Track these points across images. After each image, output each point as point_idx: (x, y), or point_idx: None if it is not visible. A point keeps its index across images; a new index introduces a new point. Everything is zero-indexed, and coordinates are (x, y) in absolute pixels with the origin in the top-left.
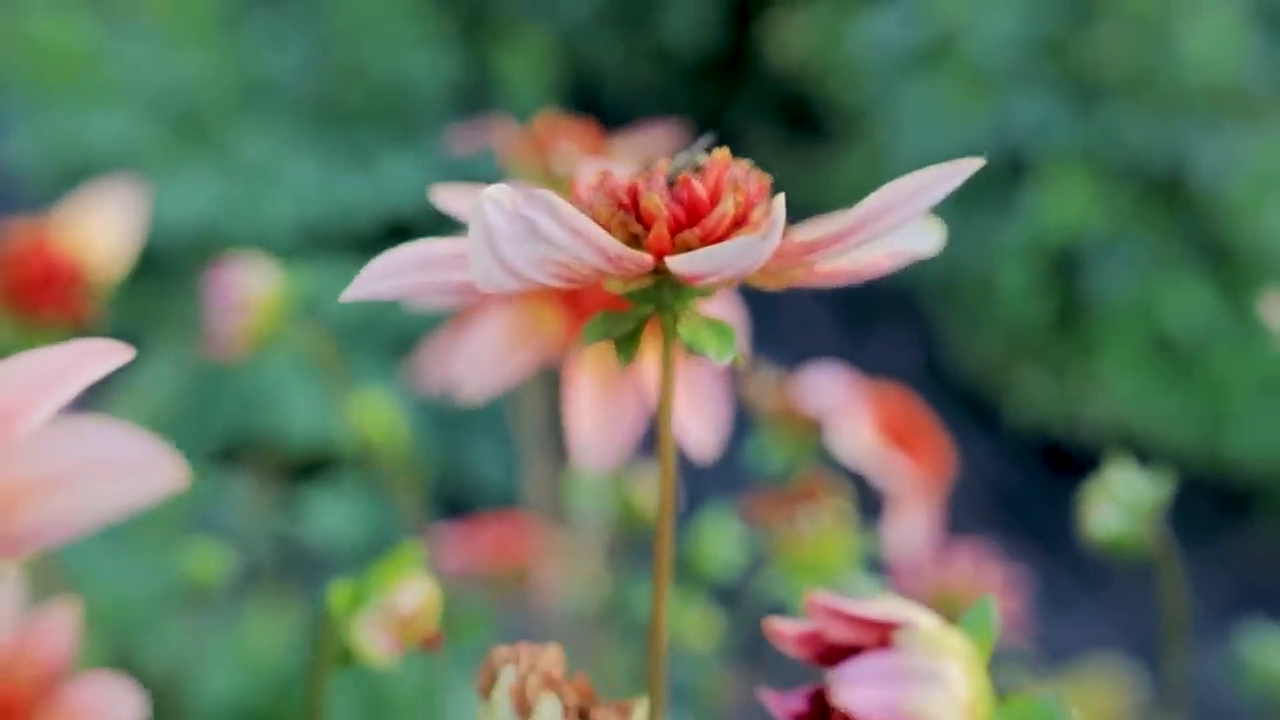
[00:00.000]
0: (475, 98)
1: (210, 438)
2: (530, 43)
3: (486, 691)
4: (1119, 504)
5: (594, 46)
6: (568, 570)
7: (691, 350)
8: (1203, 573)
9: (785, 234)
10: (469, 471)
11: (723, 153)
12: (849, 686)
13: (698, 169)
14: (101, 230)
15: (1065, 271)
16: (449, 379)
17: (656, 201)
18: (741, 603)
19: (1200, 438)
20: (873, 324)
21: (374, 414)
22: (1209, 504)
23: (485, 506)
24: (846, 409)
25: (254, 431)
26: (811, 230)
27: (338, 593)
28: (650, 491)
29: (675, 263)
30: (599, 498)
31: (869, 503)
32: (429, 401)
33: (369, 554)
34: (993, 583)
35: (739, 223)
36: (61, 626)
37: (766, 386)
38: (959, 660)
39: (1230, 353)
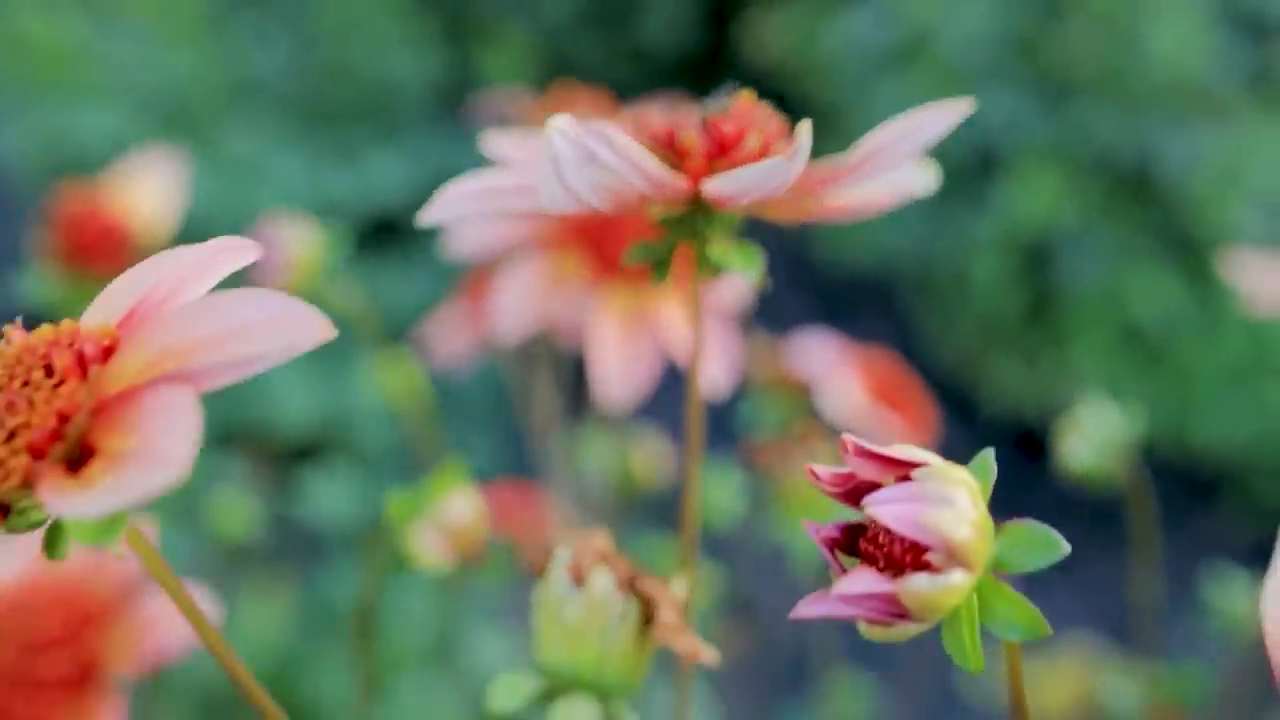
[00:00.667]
0: (457, 97)
1: (206, 422)
2: (511, 43)
3: (541, 572)
4: (1091, 439)
5: (574, 46)
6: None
7: (720, 270)
8: (1171, 557)
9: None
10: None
11: (747, 97)
12: (881, 505)
13: (725, 112)
14: (146, 194)
15: (1036, 263)
16: (449, 355)
17: (693, 136)
18: (736, 557)
19: (1169, 425)
20: (850, 317)
21: (399, 375)
22: (1178, 490)
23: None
24: (836, 372)
25: (249, 416)
26: (822, 166)
27: (394, 502)
28: (648, 457)
29: (712, 184)
30: (601, 462)
31: None
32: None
33: (362, 535)
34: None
35: (763, 155)
36: (112, 576)
37: (760, 353)
38: (966, 490)
39: (1197, 342)
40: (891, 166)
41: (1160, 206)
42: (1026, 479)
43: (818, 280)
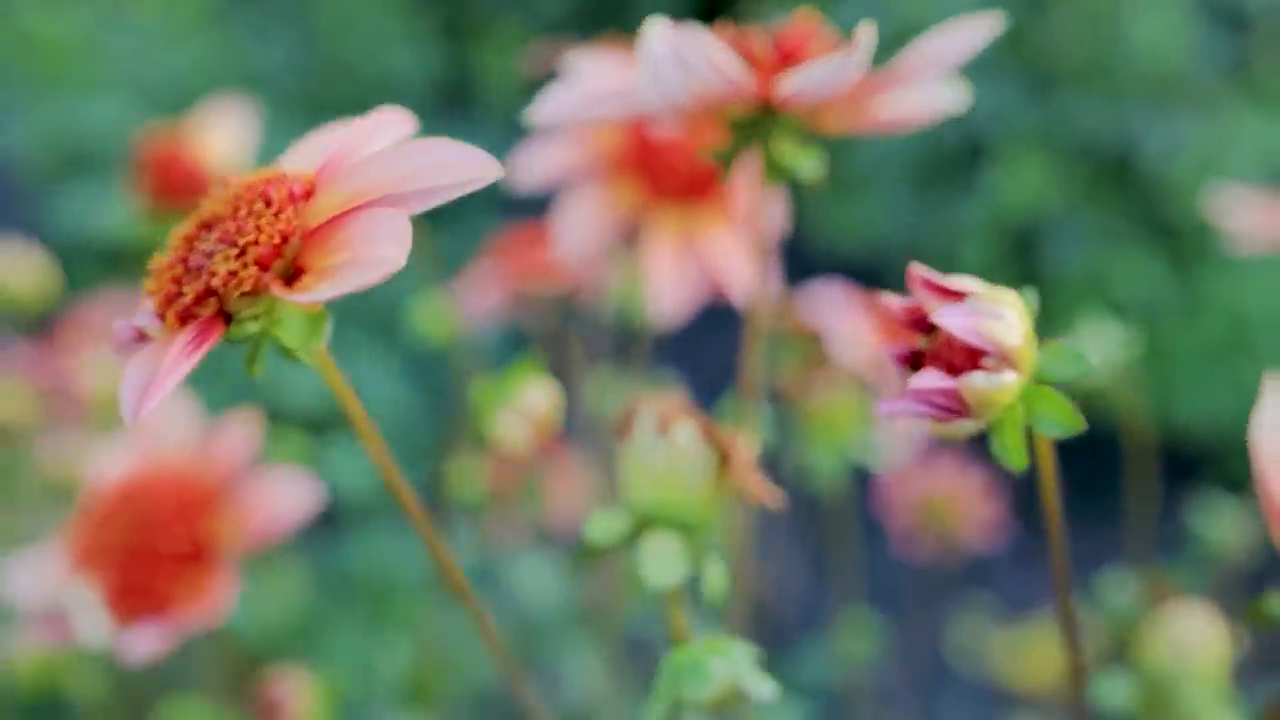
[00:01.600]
0: (456, 93)
1: (218, 401)
2: (508, 39)
3: (624, 432)
4: (1098, 357)
5: (570, 43)
6: (586, 479)
7: (784, 170)
8: (1154, 532)
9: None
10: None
11: (808, 13)
12: (948, 317)
13: (786, 27)
14: (220, 138)
15: (1023, 248)
16: (480, 311)
17: (763, 45)
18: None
19: (1151, 405)
20: None
21: (434, 316)
22: (1160, 468)
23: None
24: (846, 319)
25: (259, 397)
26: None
27: (480, 390)
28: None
29: (783, 82)
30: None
31: None
32: (419, 374)
33: (378, 507)
34: (973, 488)
35: None
36: (243, 432)
37: (774, 305)
38: (1015, 309)
39: (1177, 324)
40: (930, 76)
41: (1142, 192)
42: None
43: (809, 267)
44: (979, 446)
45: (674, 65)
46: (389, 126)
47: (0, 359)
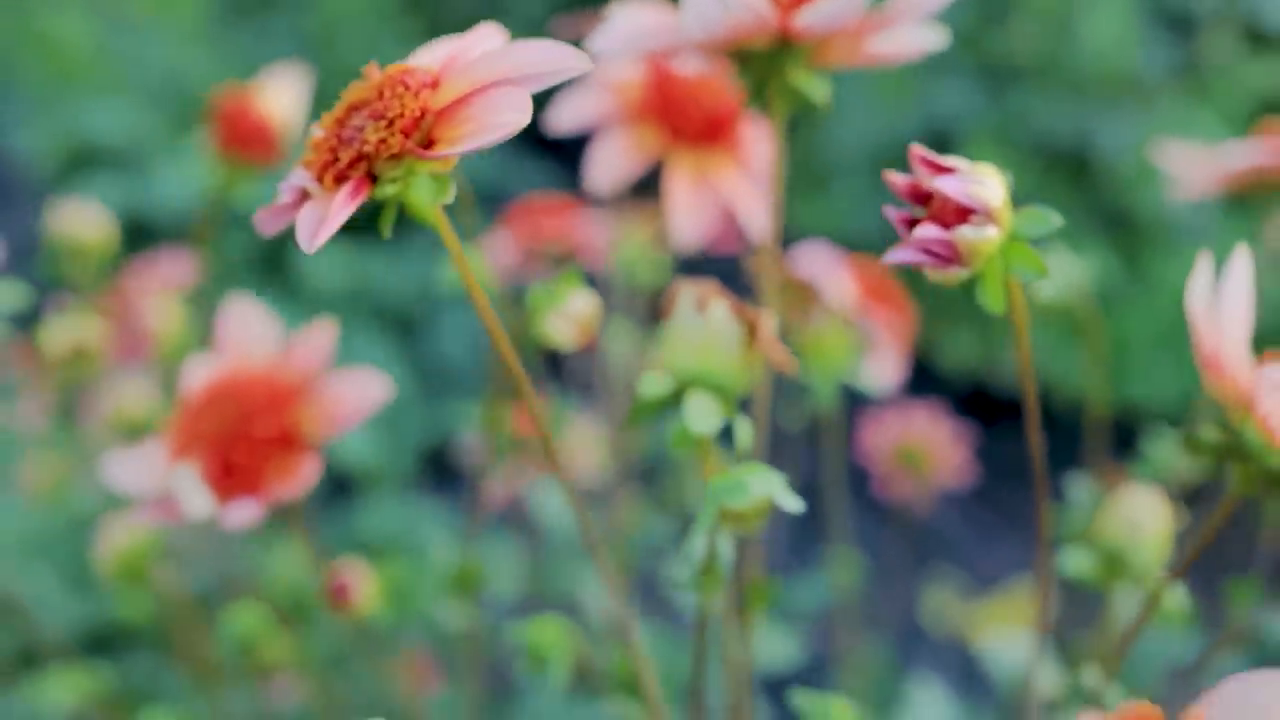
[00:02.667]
0: None
1: None
2: None
3: (667, 311)
4: (1063, 278)
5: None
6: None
7: (797, 95)
8: None
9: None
10: (454, 434)
11: None
12: (942, 183)
13: None
14: (281, 101)
15: None
16: (499, 269)
17: None
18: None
19: (1107, 384)
20: None
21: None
22: (1111, 445)
23: (469, 465)
24: (833, 272)
25: None
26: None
27: (534, 294)
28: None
29: (800, 15)
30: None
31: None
32: (416, 369)
33: (380, 478)
34: (944, 435)
35: None
36: (320, 338)
37: (767, 262)
38: (996, 180)
39: (1127, 309)
40: (912, 19)
41: (1095, 186)
42: (982, 439)
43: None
44: (947, 403)
45: (715, 2)
46: (488, 37)
47: (76, 302)
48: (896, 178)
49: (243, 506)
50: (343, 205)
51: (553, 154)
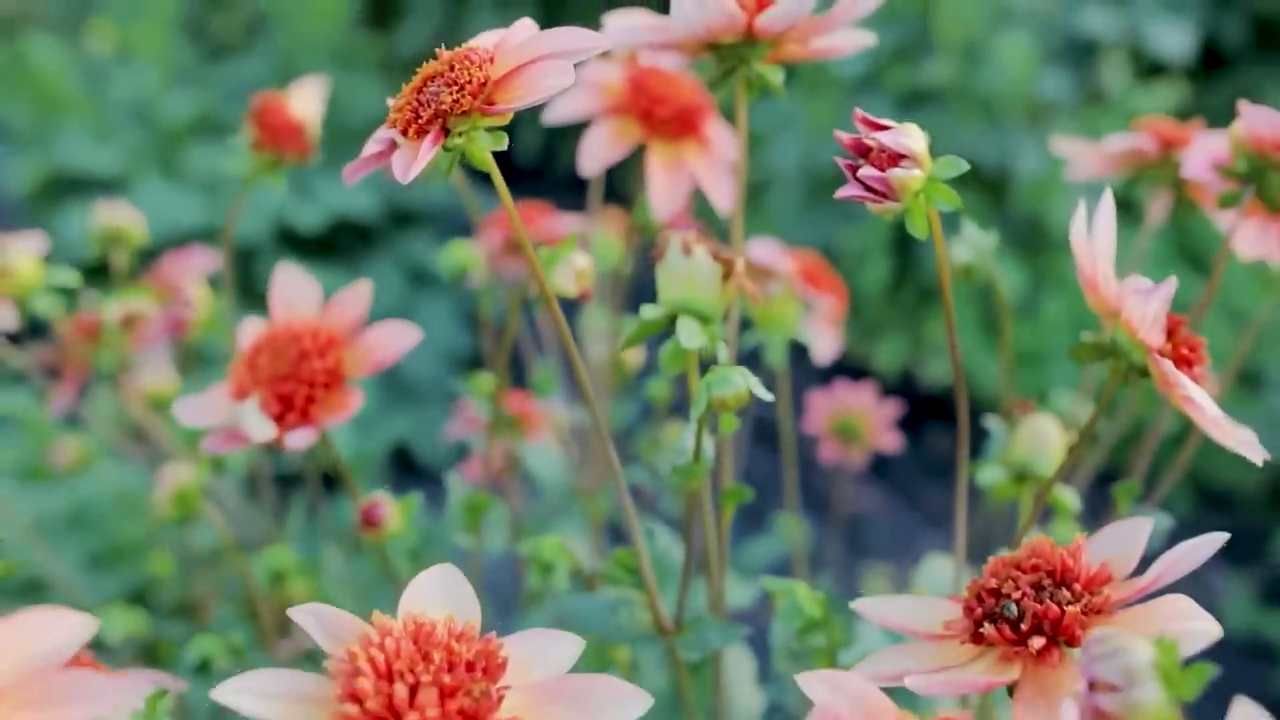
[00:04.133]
0: None
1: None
2: None
3: (660, 255)
4: (970, 244)
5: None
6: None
7: (761, 79)
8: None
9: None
10: (419, 438)
11: None
12: (879, 136)
13: None
14: (306, 103)
15: (904, 247)
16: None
17: None
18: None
19: (1020, 386)
20: None
21: (465, 256)
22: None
23: (433, 467)
24: (781, 259)
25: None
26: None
27: (542, 253)
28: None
29: (761, 18)
30: (601, 351)
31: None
32: (379, 382)
33: (356, 474)
34: (874, 411)
35: None
36: (356, 296)
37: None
38: (919, 134)
39: (1044, 307)
40: (847, 23)
41: (1011, 203)
42: (912, 437)
43: None
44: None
45: (695, 5)
46: (525, 29)
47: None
48: (844, 135)
49: (298, 434)
50: (428, 149)
51: (490, 180)
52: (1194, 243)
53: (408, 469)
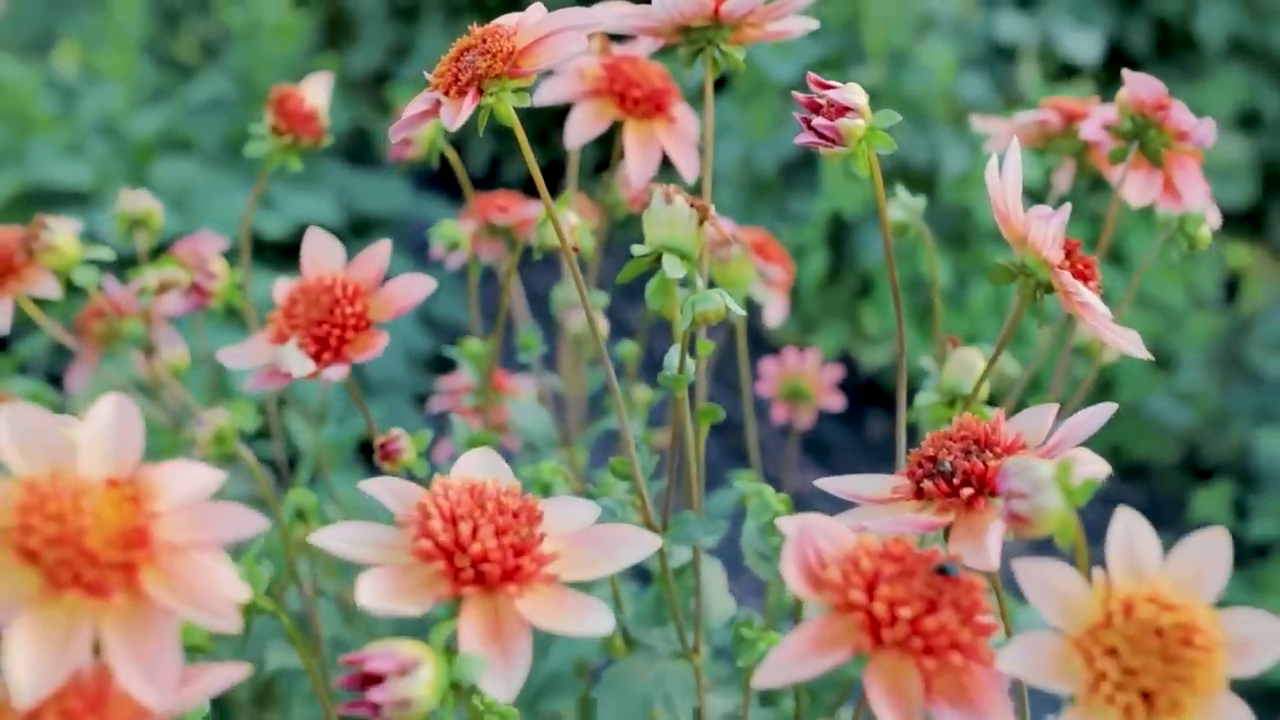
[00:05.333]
0: (356, 145)
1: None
2: (400, 95)
3: (643, 203)
4: (903, 205)
5: None
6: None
7: (725, 57)
8: None
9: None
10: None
11: None
12: (829, 93)
13: None
14: (316, 94)
15: (840, 237)
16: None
17: None
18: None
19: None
20: None
21: (452, 232)
22: None
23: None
24: (737, 233)
25: None
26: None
27: (540, 215)
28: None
29: (728, 3)
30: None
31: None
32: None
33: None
34: (820, 375)
35: None
36: (377, 254)
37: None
38: (861, 93)
39: (968, 302)
40: (796, 10)
41: (938, 197)
42: (851, 424)
43: None
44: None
45: None
46: (538, 10)
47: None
48: (800, 95)
49: (333, 368)
50: (470, 104)
51: (446, 192)
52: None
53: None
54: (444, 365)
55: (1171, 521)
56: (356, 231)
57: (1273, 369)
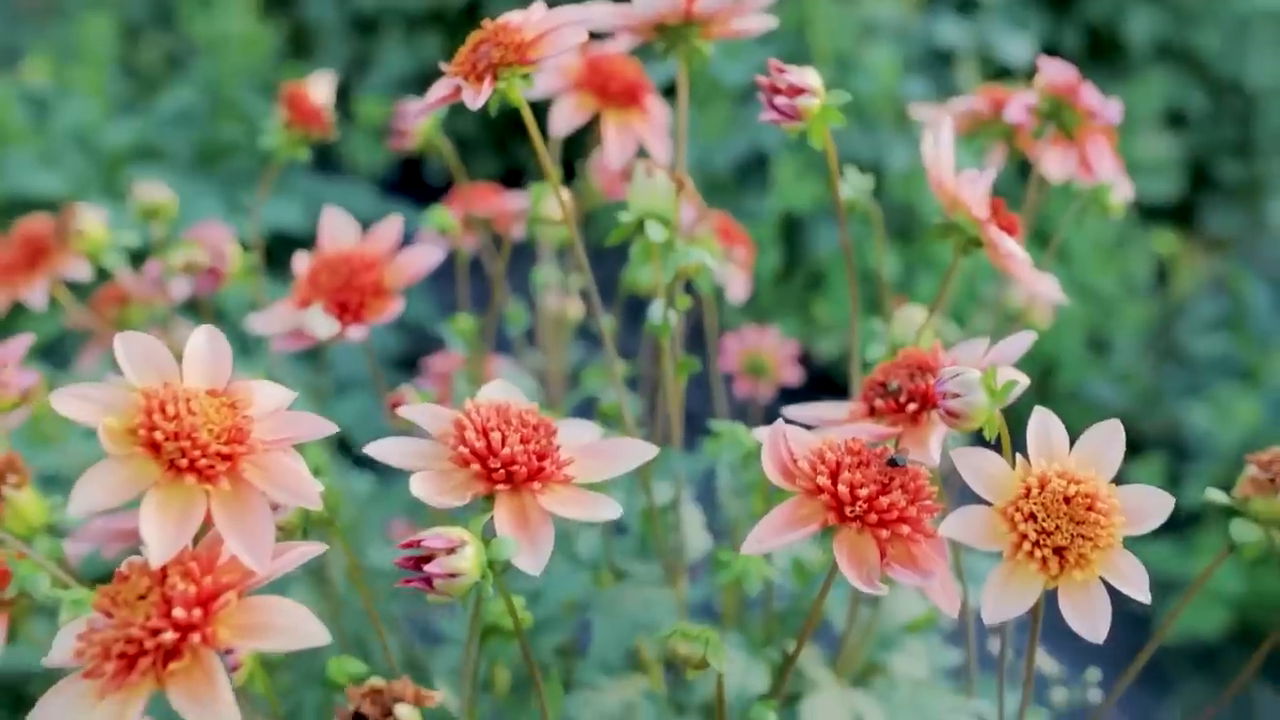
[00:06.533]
0: (322, 154)
1: None
2: (367, 105)
3: (627, 177)
4: (851, 184)
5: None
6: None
7: (696, 51)
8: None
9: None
10: (357, 429)
11: None
12: (786, 74)
13: None
14: (319, 89)
15: (797, 241)
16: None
17: None
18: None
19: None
20: None
21: (445, 218)
22: None
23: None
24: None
25: None
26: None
27: (533, 191)
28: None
29: (699, 4)
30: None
31: None
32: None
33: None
34: (779, 351)
35: None
36: (390, 227)
37: None
38: (816, 75)
39: (914, 293)
40: (757, 9)
41: (884, 194)
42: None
43: None
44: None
45: None
46: (539, 9)
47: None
48: (763, 79)
49: (354, 329)
50: (488, 87)
51: (409, 197)
52: (1046, 226)
53: (346, 456)
54: (414, 367)
55: None
56: None
57: (1201, 350)
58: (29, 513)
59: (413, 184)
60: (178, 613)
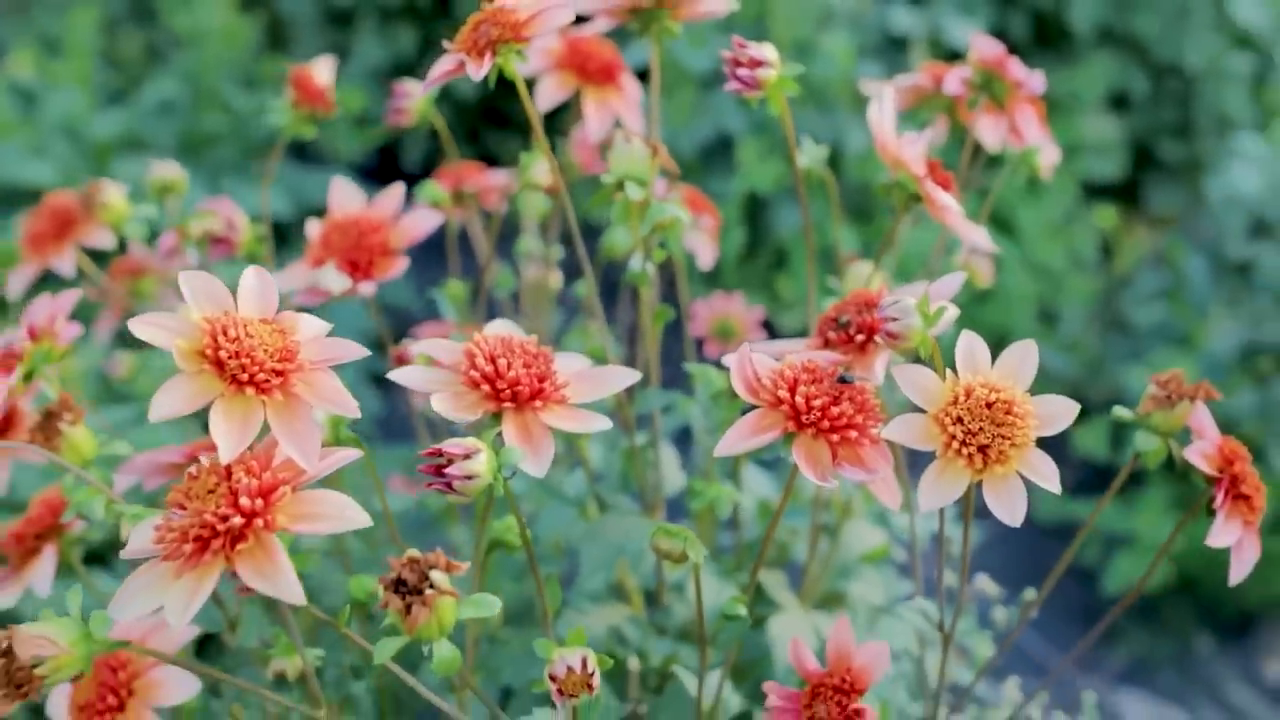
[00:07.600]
0: (301, 143)
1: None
2: (348, 93)
3: (608, 145)
4: (808, 154)
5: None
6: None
7: (667, 33)
8: None
9: None
10: None
11: None
12: (747, 49)
13: None
14: (323, 74)
15: (761, 222)
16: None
17: None
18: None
19: None
20: None
21: (438, 193)
22: None
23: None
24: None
25: None
26: None
27: (522, 159)
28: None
29: None
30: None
31: None
32: None
33: None
34: (746, 316)
35: None
36: (392, 195)
37: None
38: (773, 50)
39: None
40: None
41: (842, 175)
42: None
43: None
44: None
45: None
46: None
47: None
48: (726, 53)
49: (365, 285)
50: (487, 63)
51: (386, 183)
52: (1000, 207)
53: None
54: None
55: (1056, 454)
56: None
57: (1142, 319)
58: (83, 446)
59: (390, 171)
60: (243, 501)
